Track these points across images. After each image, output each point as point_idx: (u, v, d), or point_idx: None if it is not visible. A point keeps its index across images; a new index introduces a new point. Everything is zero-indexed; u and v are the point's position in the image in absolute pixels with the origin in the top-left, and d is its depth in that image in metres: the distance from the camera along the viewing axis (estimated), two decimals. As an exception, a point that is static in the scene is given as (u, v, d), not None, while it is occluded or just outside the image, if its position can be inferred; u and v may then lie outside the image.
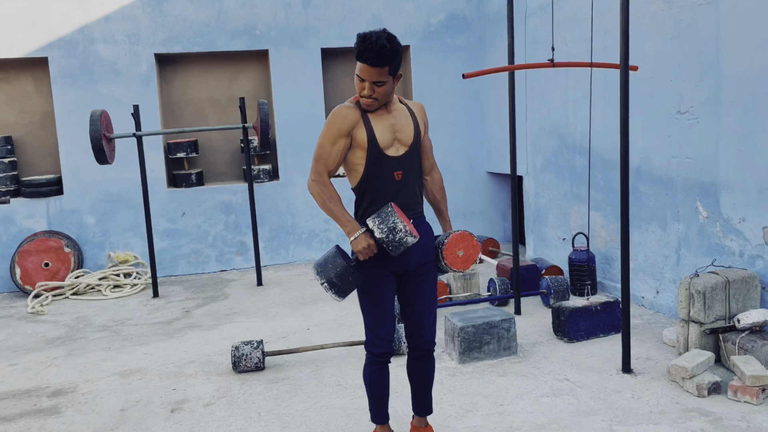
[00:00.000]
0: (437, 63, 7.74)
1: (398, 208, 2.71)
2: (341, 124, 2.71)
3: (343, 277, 2.66)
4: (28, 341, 5.30)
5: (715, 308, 3.84)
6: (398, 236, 2.61)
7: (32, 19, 6.95)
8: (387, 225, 2.61)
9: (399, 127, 2.77)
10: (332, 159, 2.74)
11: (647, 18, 4.84)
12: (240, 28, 7.35)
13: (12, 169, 7.21)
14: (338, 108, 2.74)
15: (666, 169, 4.77)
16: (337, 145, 2.73)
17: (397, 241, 2.62)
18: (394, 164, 2.75)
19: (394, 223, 2.60)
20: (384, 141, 2.73)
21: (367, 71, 2.60)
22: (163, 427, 3.52)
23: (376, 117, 2.75)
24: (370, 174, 2.75)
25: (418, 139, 2.81)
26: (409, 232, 2.61)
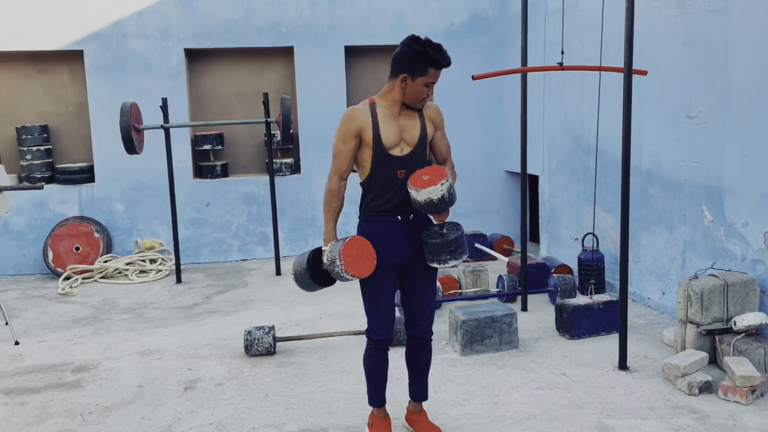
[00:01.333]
0: (459, 62, 7.81)
1: (358, 243, 2.88)
2: (350, 125, 2.92)
3: (302, 277, 3.01)
4: (57, 320, 5.59)
5: (713, 310, 3.92)
6: (335, 270, 2.87)
7: (69, 13, 7.26)
8: (331, 256, 2.87)
9: (406, 127, 2.96)
10: (343, 159, 2.96)
11: (660, 23, 4.90)
12: (266, 25, 7.57)
13: (47, 156, 7.55)
14: (349, 110, 2.95)
15: (674, 173, 4.84)
16: (347, 144, 2.94)
17: (335, 274, 2.89)
18: (397, 163, 2.93)
19: (334, 258, 2.85)
20: (389, 141, 2.91)
21: (435, 74, 2.85)
22: (176, 403, 3.75)
23: (385, 118, 2.93)
24: (375, 171, 2.95)
25: (423, 140, 2.98)
26: (343, 271, 2.83)
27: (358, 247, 2.89)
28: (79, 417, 3.61)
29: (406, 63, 2.86)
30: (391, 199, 2.96)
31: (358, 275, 2.87)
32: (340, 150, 2.94)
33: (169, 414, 3.60)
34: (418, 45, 2.84)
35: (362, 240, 2.91)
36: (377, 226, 2.98)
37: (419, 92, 2.89)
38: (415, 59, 2.84)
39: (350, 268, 2.85)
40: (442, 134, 3.11)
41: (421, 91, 2.88)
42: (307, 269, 2.99)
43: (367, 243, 2.92)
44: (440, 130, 3.10)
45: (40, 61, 7.61)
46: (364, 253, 2.90)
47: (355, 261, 2.86)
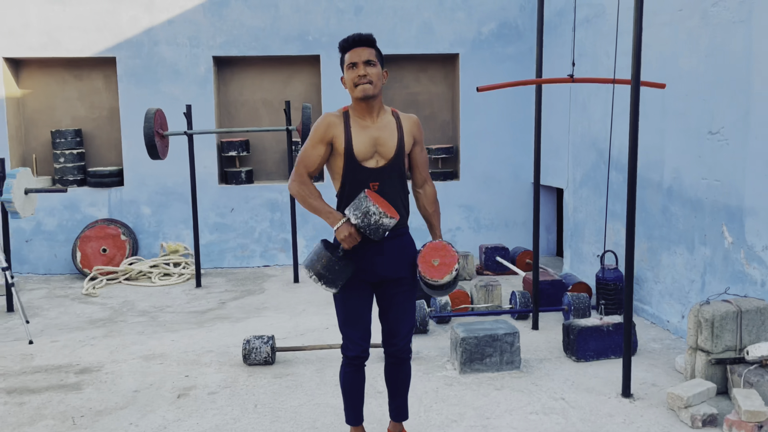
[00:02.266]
0: (486, 72, 7.73)
1: (374, 194, 2.77)
2: (322, 131, 2.84)
3: (330, 268, 2.75)
4: (75, 320, 5.72)
5: (725, 338, 3.70)
6: (373, 219, 2.66)
7: (104, 21, 7.47)
8: (360, 210, 2.68)
9: (381, 140, 2.86)
10: (311, 161, 2.87)
11: (684, 34, 4.69)
12: (294, 34, 7.61)
13: (80, 159, 7.77)
14: (323, 115, 2.88)
15: (695, 191, 4.61)
16: (317, 149, 2.86)
17: (374, 224, 2.67)
18: (370, 175, 2.84)
19: (367, 207, 2.66)
20: (362, 152, 2.82)
21: (357, 53, 2.78)
22: (166, 410, 3.76)
23: (358, 128, 2.84)
24: (346, 182, 2.87)
25: (400, 153, 2.88)
26: (383, 213, 2.66)
27: (375, 195, 2.76)
28: (70, 420, 3.65)
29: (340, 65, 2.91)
30: None
31: (395, 216, 2.72)
32: (309, 154, 2.86)
33: (157, 421, 3.61)
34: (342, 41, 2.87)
35: (372, 192, 2.78)
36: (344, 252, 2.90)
37: (350, 79, 2.80)
38: (340, 55, 2.88)
39: (387, 210, 2.69)
40: (421, 148, 3.01)
41: (350, 77, 2.80)
42: (332, 255, 2.76)
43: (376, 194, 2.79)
44: (419, 144, 3.00)
45: (76, 67, 7.85)
46: (384, 201, 2.79)
47: (383, 205, 2.73)
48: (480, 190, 7.94)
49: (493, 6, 7.73)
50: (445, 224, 7.93)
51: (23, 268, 7.64)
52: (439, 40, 7.74)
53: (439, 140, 8.25)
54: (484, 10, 7.73)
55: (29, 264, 7.64)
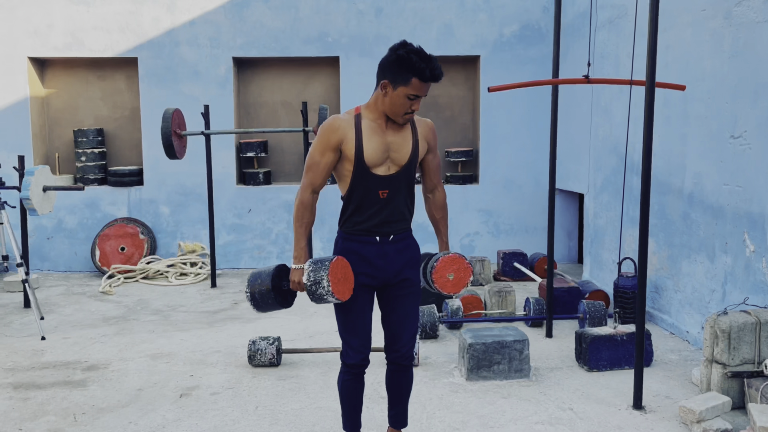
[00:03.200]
0: (508, 74, 7.61)
1: (343, 264, 2.70)
2: (331, 137, 2.69)
3: (264, 297, 2.83)
4: (89, 318, 5.76)
5: (742, 350, 3.54)
6: (318, 291, 2.65)
7: (126, 21, 7.54)
8: (316, 276, 2.66)
9: (395, 146, 2.73)
10: (319, 172, 2.74)
11: (707, 35, 4.54)
12: (313, 35, 7.59)
13: (101, 159, 7.85)
14: (331, 119, 2.73)
15: (717, 197, 4.45)
16: (325, 157, 2.72)
17: (316, 296, 2.67)
18: (380, 183, 2.73)
19: (320, 278, 2.64)
20: (373, 159, 2.69)
21: (427, 88, 2.63)
22: (167, 409, 3.74)
23: (371, 132, 2.70)
24: (355, 187, 2.75)
25: (413, 161, 2.77)
26: (330, 293, 2.64)
27: (342, 268, 2.72)
28: (72, 417, 3.65)
29: (387, 69, 2.62)
30: (371, 218, 2.77)
31: (341, 298, 2.70)
32: (316, 162, 2.73)
33: (156, 421, 3.59)
34: (403, 50, 2.57)
35: (345, 262, 2.74)
36: (353, 245, 2.82)
37: (400, 104, 2.63)
38: (398, 65, 2.58)
39: (336, 291, 2.66)
40: (434, 154, 2.89)
41: (402, 103, 2.62)
42: (271, 288, 2.81)
43: (348, 265, 2.75)
44: (433, 151, 2.88)
45: (99, 68, 7.94)
46: (347, 275, 2.74)
47: (340, 283, 2.69)
48: (500, 195, 7.82)
49: (515, 8, 7.62)
50: (463, 229, 7.82)
51: (44, 265, 7.74)
52: (459, 42, 7.65)
53: (459, 143, 8.15)
54: (506, 12, 7.62)
55: (50, 261, 7.74)
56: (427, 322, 4.86)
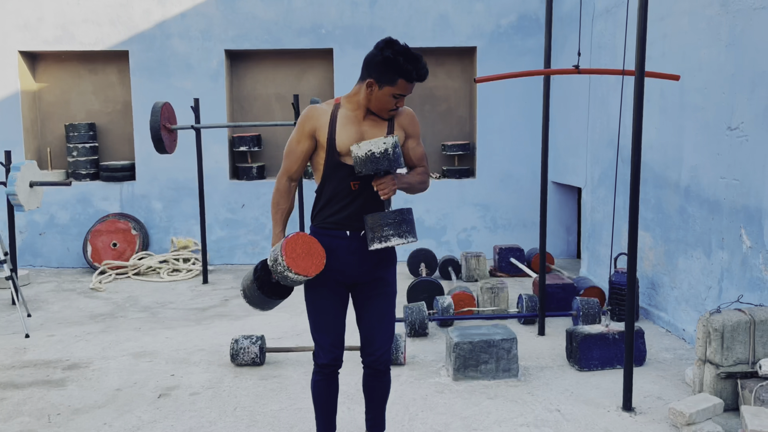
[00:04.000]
0: (505, 65, 7.46)
1: (303, 238, 2.61)
2: (306, 125, 2.68)
3: (250, 291, 2.75)
4: (76, 315, 5.68)
5: (736, 350, 3.41)
6: (278, 269, 2.58)
7: (117, 14, 7.44)
8: (274, 254, 2.59)
9: (370, 135, 2.67)
10: (294, 159, 2.72)
11: (704, 23, 4.38)
12: (307, 27, 7.47)
13: (93, 153, 7.77)
14: (308, 108, 2.71)
15: (713, 191, 4.30)
16: (301, 144, 2.70)
17: (278, 274, 2.60)
18: (352, 174, 2.64)
19: (277, 255, 2.58)
20: (345, 146, 2.63)
21: (408, 87, 2.59)
22: (144, 410, 3.64)
23: (346, 121, 2.66)
24: (327, 178, 2.69)
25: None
26: (288, 268, 2.55)
27: (303, 243, 2.61)
28: (46, 418, 3.56)
29: (374, 68, 2.56)
30: (341, 210, 2.68)
31: (303, 273, 2.57)
32: (292, 149, 2.69)
33: (131, 422, 3.50)
34: (389, 51, 2.52)
35: (308, 236, 2.63)
36: (324, 240, 2.71)
37: (385, 102, 2.60)
38: (384, 66, 2.52)
39: (294, 265, 2.55)
40: (416, 142, 2.80)
41: (387, 101, 2.59)
42: (254, 280, 2.72)
43: (314, 240, 2.64)
44: (414, 138, 2.78)
45: (90, 61, 7.85)
46: (311, 250, 2.62)
47: (300, 258, 2.58)
48: (497, 189, 7.68)
49: (512, -2, 7.46)
50: (460, 223, 7.70)
51: (36, 261, 7.67)
52: (456, 33, 7.50)
53: (456, 137, 8.01)
54: (503, 2, 7.46)
55: (42, 257, 7.67)
56: (416, 320, 4.75)
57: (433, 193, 7.64)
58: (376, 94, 2.59)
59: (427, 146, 7.99)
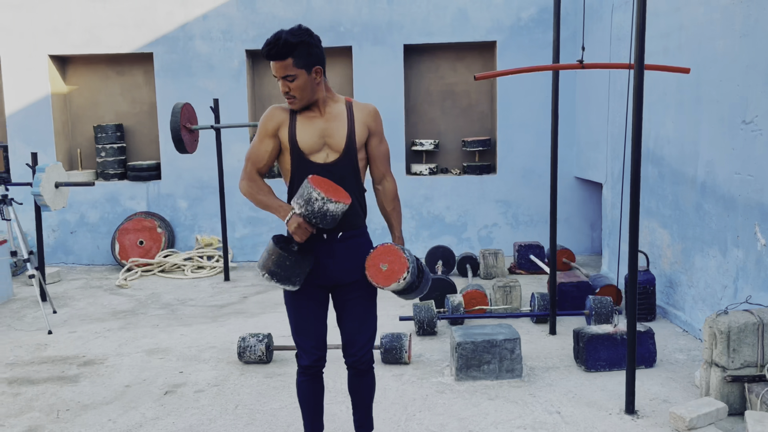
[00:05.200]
0: (526, 60, 7.34)
1: (319, 178, 2.56)
2: (267, 124, 2.67)
3: (281, 264, 2.55)
4: (99, 311, 5.84)
5: (743, 353, 3.29)
6: (316, 206, 2.46)
7: (142, 17, 7.59)
8: (303, 198, 2.49)
9: (330, 131, 2.65)
10: (260, 157, 2.68)
11: (718, 12, 4.23)
12: (326, 25, 7.49)
13: (121, 154, 7.96)
14: (270, 108, 2.71)
15: (729, 187, 4.16)
16: (264, 144, 2.68)
17: (318, 212, 2.47)
18: (319, 172, 2.62)
19: (309, 194, 2.47)
20: (308, 145, 2.63)
21: (273, 67, 2.56)
22: (149, 407, 3.73)
23: (304, 119, 2.66)
24: (295, 178, 2.67)
25: (351, 146, 2.66)
26: (327, 199, 2.44)
27: (322, 180, 2.56)
28: (55, 413, 3.68)
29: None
30: None
31: (342, 200, 2.50)
32: (257, 150, 2.67)
33: (135, 419, 3.58)
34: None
35: (318, 177, 2.57)
36: (301, 245, 2.72)
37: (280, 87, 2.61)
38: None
39: (332, 194, 2.48)
40: (379, 140, 2.77)
41: (280, 85, 2.61)
42: (280, 249, 2.55)
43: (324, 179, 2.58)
44: (377, 136, 2.75)
45: (117, 64, 8.03)
46: (330, 184, 2.57)
47: (331, 189, 2.53)
48: (518, 185, 7.58)
49: (532, -10, 7.33)
50: (481, 220, 7.63)
51: (68, 259, 7.91)
52: (475, 28, 7.42)
53: (477, 132, 7.93)
54: (523, -5, 7.35)
55: (74, 255, 7.91)
56: (425, 318, 4.73)
57: (454, 189, 7.59)
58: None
59: (448, 142, 7.94)
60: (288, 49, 2.50)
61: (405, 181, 7.56)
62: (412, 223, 7.63)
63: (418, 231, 7.62)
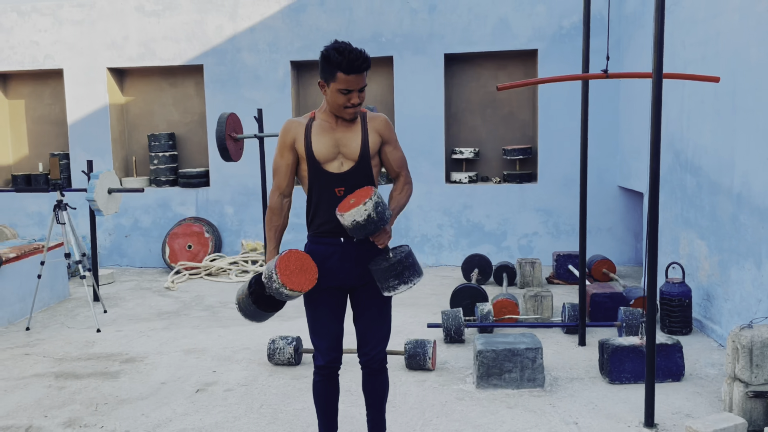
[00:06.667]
0: (568, 67, 7.29)
1: (295, 256, 2.71)
2: (285, 137, 2.81)
3: (245, 304, 2.85)
4: (146, 312, 6.13)
5: (767, 368, 3.21)
6: (273, 286, 2.67)
7: (193, 30, 7.93)
8: (268, 271, 2.69)
9: (345, 140, 2.77)
10: (282, 173, 2.84)
11: (753, 20, 4.14)
12: (367, 36, 7.63)
13: (173, 161, 8.32)
14: (286, 122, 2.83)
15: (764, 198, 4.05)
16: (284, 158, 2.82)
17: (274, 291, 2.69)
18: (334, 180, 2.76)
19: (271, 272, 2.67)
20: (323, 155, 2.75)
21: (356, 80, 2.64)
22: (180, 403, 3.92)
23: (319, 130, 2.78)
24: (312, 186, 2.81)
25: (365, 154, 2.77)
26: (281, 285, 2.64)
27: (296, 260, 2.73)
28: (94, 407, 3.91)
29: (320, 69, 2.71)
30: (332, 218, 2.79)
31: (297, 289, 2.69)
32: (278, 164, 2.83)
33: (166, 414, 3.77)
34: (325, 49, 2.66)
35: (301, 253, 2.75)
36: (319, 248, 2.84)
37: (337, 99, 2.68)
38: (324, 63, 2.65)
39: (288, 282, 2.67)
40: (393, 147, 2.88)
41: (337, 98, 2.67)
42: (249, 295, 2.84)
43: (307, 256, 2.76)
44: (390, 143, 2.87)
45: (171, 75, 8.41)
46: (304, 266, 2.74)
47: (294, 274, 2.70)
48: (559, 194, 7.51)
49: (575, -2, 7.28)
50: (521, 229, 7.59)
51: (123, 261, 8.31)
52: (516, 36, 7.42)
53: (518, 140, 7.90)
54: (565, 3, 7.30)
55: (128, 257, 8.30)
56: (452, 326, 4.77)
57: (494, 197, 7.59)
58: (328, 94, 2.71)
59: (488, 150, 7.95)
60: (369, 62, 2.66)
61: (444, 189, 7.61)
62: (450, 231, 7.66)
63: (457, 239, 7.65)
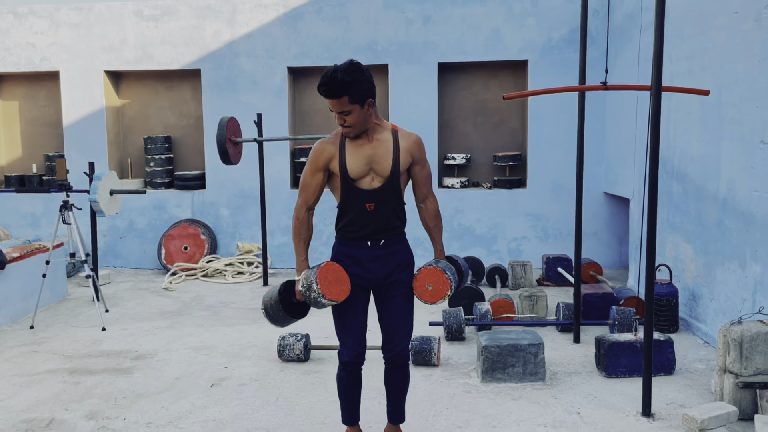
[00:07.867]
0: (557, 78, 7.58)
1: (332, 267, 2.90)
2: (319, 159, 2.94)
3: (274, 309, 3.06)
4: (147, 311, 6.23)
5: (756, 360, 3.48)
6: (312, 296, 2.87)
7: (191, 35, 8.06)
8: (307, 281, 2.88)
9: (376, 158, 2.92)
10: (311, 191, 2.99)
11: (739, 37, 4.43)
12: (363, 44, 7.84)
13: (168, 164, 8.42)
14: (318, 143, 2.97)
15: (748, 204, 4.34)
16: (315, 177, 2.97)
17: (312, 300, 2.88)
18: (366, 196, 2.92)
19: (310, 282, 2.87)
20: (356, 172, 2.90)
21: (330, 103, 2.82)
22: (197, 397, 4.06)
23: (353, 147, 2.92)
24: (345, 200, 2.97)
25: (396, 173, 2.93)
26: (321, 295, 2.84)
27: (333, 272, 2.93)
28: (113, 400, 4.03)
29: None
30: (361, 228, 2.97)
31: (335, 299, 2.90)
32: (308, 182, 2.97)
33: (185, 407, 3.91)
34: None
35: (336, 265, 2.95)
36: (347, 249, 3.01)
37: (336, 120, 2.88)
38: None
39: (327, 292, 2.87)
40: (421, 166, 3.05)
41: (336, 118, 2.87)
42: (279, 301, 3.03)
43: (341, 268, 2.96)
44: (419, 163, 3.03)
45: (167, 79, 8.51)
46: (339, 277, 2.94)
47: (332, 285, 2.90)
48: (548, 199, 7.79)
49: (564, 11, 7.58)
50: (510, 233, 7.85)
51: (117, 262, 8.37)
52: (507, 47, 7.69)
53: (507, 147, 8.17)
54: (555, 16, 7.60)
55: (122, 259, 8.37)
56: (453, 324, 4.98)
57: (484, 202, 7.83)
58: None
59: (479, 156, 8.20)
60: (343, 88, 2.75)
61: (437, 194, 7.83)
62: (443, 234, 7.88)
63: (449, 242, 7.87)
